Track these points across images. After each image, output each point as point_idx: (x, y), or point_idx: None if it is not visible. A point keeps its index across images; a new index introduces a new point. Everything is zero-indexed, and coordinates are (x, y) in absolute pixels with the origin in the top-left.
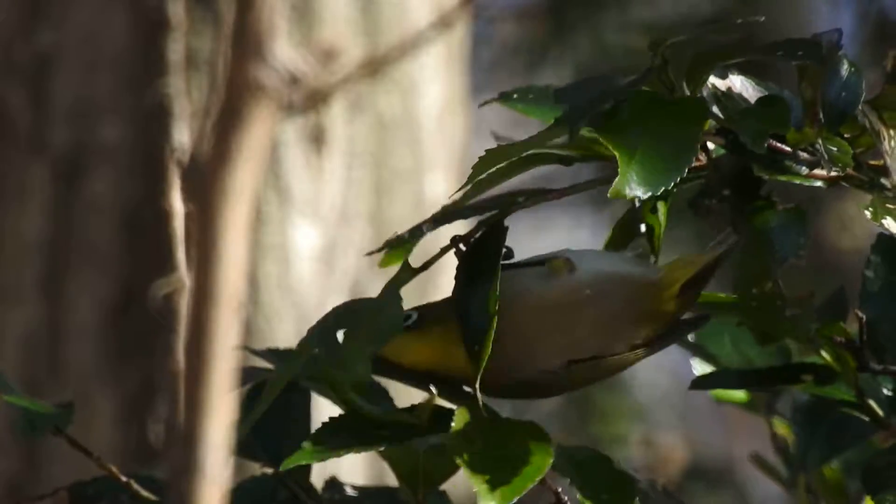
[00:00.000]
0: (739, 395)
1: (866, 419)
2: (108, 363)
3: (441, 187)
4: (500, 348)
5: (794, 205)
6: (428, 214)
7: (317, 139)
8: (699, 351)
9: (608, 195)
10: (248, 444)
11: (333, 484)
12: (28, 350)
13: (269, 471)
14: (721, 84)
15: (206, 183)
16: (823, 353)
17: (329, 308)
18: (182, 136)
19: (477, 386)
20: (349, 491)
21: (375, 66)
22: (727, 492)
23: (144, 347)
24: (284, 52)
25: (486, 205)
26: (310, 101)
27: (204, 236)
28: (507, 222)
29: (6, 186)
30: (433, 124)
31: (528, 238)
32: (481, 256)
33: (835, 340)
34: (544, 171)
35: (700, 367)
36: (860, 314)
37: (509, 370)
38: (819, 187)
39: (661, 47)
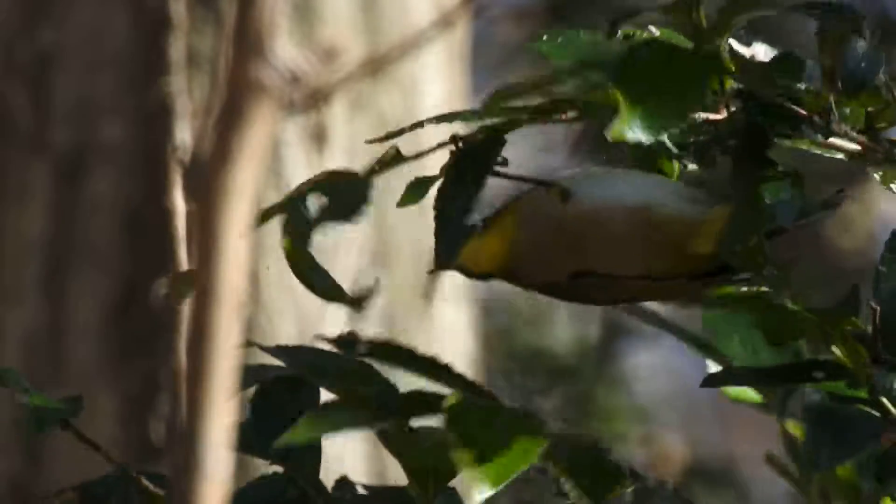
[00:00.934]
0: (754, 394)
1: (877, 415)
2: (110, 362)
3: (440, 157)
4: (518, 252)
5: (796, 171)
6: (429, 213)
7: (318, 138)
8: (708, 350)
9: (609, 137)
10: (255, 441)
11: (343, 483)
12: (29, 349)
13: (279, 469)
14: (744, 51)
15: (207, 182)
16: (835, 349)
17: (329, 308)
18: (183, 135)
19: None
20: (359, 490)
21: (376, 66)
22: (728, 491)
23: (146, 347)
24: (285, 51)
25: (490, 112)
26: (311, 100)
27: (205, 235)
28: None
29: (7, 186)
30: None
31: None
32: (474, 156)
33: (847, 333)
34: (546, 172)
35: (713, 366)
36: (874, 305)
37: (532, 274)
38: (823, 182)
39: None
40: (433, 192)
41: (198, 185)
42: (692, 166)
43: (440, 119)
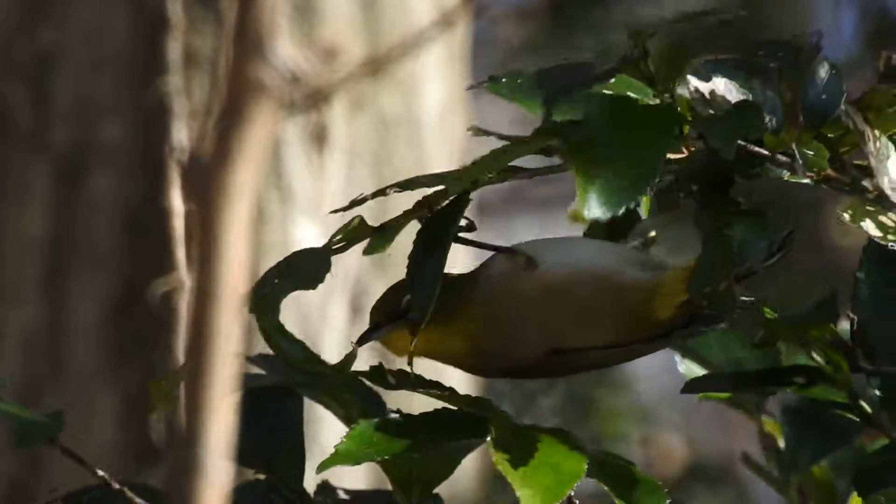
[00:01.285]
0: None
1: (856, 419)
2: (110, 362)
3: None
4: (489, 333)
5: (760, 209)
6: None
7: (318, 138)
8: (687, 352)
9: (567, 217)
10: (240, 450)
11: (325, 488)
12: (29, 349)
13: (262, 476)
14: (704, 87)
15: (207, 182)
16: (815, 355)
17: (330, 308)
18: (183, 135)
19: (412, 348)
20: (341, 495)
21: (377, 66)
22: (727, 491)
23: (146, 346)
24: (286, 50)
25: (452, 177)
26: (311, 99)
27: (205, 235)
28: (506, 221)
29: (7, 185)
30: (434, 123)
31: (527, 236)
32: (439, 224)
33: (826, 341)
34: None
35: (687, 369)
36: (851, 315)
37: (489, 358)
38: (820, 187)
39: (641, 37)
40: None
41: (198, 184)
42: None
43: (402, 187)
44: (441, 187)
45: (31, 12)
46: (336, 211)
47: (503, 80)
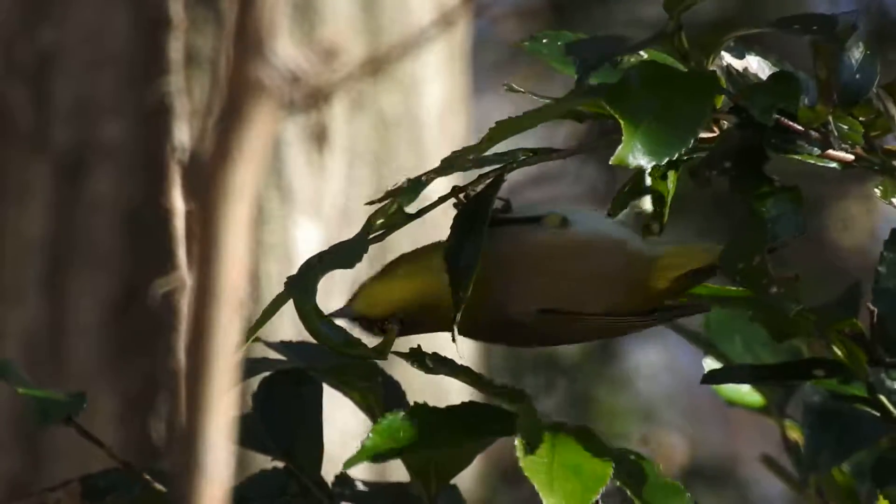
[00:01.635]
0: (751, 398)
1: (877, 415)
2: (110, 362)
3: (443, 186)
4: (481, 288)
5: (794, 185)
6: (429, 214)
7: (318, 138)
8: (710, 349)
9: (610, 162)
10: (259, 437)
11: (344, 479)
12: (29, 348)
13: (280, 464)
14: (737, 64)
15: (207, 181)
16: (834, 349)
17: (331, 307)
18: (184, 134)
19: (455, 328)
20: (359, 486)
21: (377, 65)
22: (729, 491)
23: (146, 346)
24: (286, 50)
25: (488, 159)
26: (311, 99)
27: (205, 235)
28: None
29: (7, 185)
30: (435, 123)
31: None
32: (475, 208)
33: (846, 333)
34: (546, 172)
35: (711, 364)
36: (871, 307)
37: (484, 310)
38: (824, 182)
39: (678, 8)
40: (435, 192)
41: (198, 184)
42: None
43: (438, 172)
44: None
45: (31, 12)
46: (372, 203)
47: (543, 39)
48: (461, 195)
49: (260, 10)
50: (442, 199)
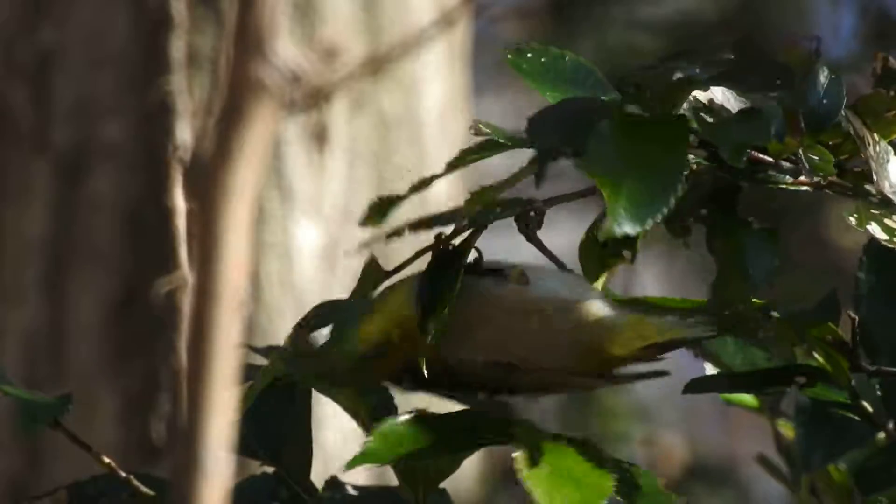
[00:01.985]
0: (748, 398)
1: (860, 420)
2: (110, 361)
3: (443, 186)
4: (451, 330)
5: (768, 226)
6: (430, 213)
7: (319, 137)
8: (702, 351)
9: (600, 238)
10: (248, 442)
11: (334, 483)
12: (29, 348)
13: (270, 469)
14: (702, 96)
15: (207, 181)
16: (816, 355)
17: None
18: (186, 134)
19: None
20: (350, 490)
21: (377, 65)
22: (729, 491)
23: (146, 346)
24: (286, 50)
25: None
26: (311, 99)
27: (206, 234)
28: (506, 221)
29: (8, 185)
30: (435, 123)
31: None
32: (451, 257)
33: (827, 341)
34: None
35: (711, 368)
36: (852, 315)
37: (441, 355)
38: (826, 194)
39: (629, 78)
40: (435, 195)
41: (198, 184)
42: None
43: (416, 227)
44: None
45: (31, 12)
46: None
47: (528, 54)
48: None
49: (260, 10)
50: (425, 251)
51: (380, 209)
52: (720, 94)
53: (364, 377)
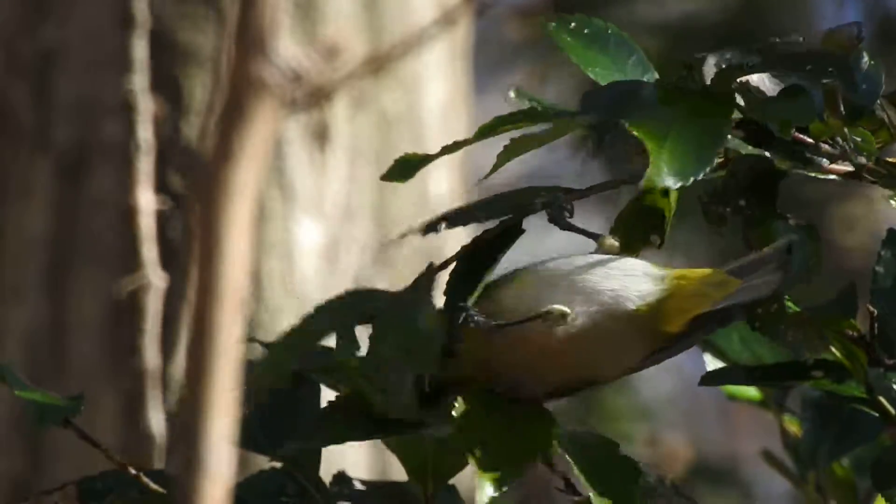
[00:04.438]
0: (752, 392)
1: (876, 415)
2: (111, 360)
3: (444, 184)
4: (505, 376)
5: (807, 223)
6: (431, 212)
7: (320, 136)
8: (708, 347)
9: (640, 187)
10: (256, 438)
11: (342, 478)
12: (31, 347)
13: (278, 465)
14: (743, 79)
15: (209, 180)
16: (833, 350)
17: None
18: (147, 133)
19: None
20: (357, 486)
21: (379, 64)
22: (732, 490)
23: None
24: (288, 49)
25: (502, 206)
26: (313, 98)
27: (207, 233)
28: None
29: (10, 183)
30: (436, 121)
31: (537, 236)
32: (483, 255)
33: (845, 335)
34: (554, 171)
35: (712, 363)
36: (871, 308)
37: (511, 390)
38: (830, 184)
39: (686, 65)
40: (437, 192)
41: (200, 182)
42: None
43: (452, 222)
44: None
45: (33, 11)
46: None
47: (571, 23)
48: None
49: (262, 9)
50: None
51: (403, 168)
52: (756, 77)
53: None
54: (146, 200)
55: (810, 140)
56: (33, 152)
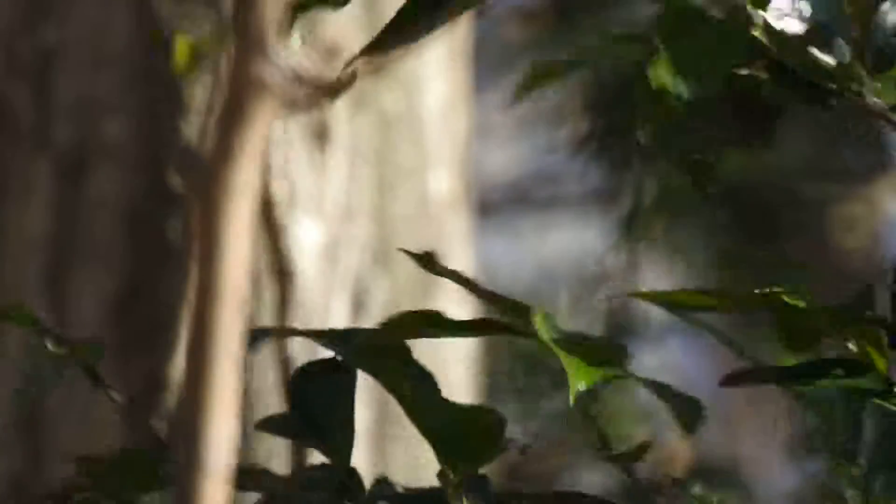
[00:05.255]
0: None
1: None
2: (111, 361)
3: (444, 184)
4: None
5: None
6: (431, 212)
7: (320, 136)
8: (732, 345)
9: (653, 85)
10: (294, 426)
11: (383, 481)
12: (31, 347)
13: (326, 460)
14: (776, 24)
15: (208, 179)
16: (851, 346)
17: (332, 306)
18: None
19: None
20: (398, 489)
21: (378, 64)
22: (732, 493)
23: (147, 345)
24: (288, 48)
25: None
26: (313, 98)
27: (207, 232)
28: (507, 221)
29: (9, 183)
30: (437, 121)
31: (534, 239)
32: None
33: (865, 322)
34: (549, 172)
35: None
36: (893, 287)
37: None
38: (830, 185)
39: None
40: (437, 192)
41: (199, 183)
42: None
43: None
44: None
45: (33, 10)
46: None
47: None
48: None
49: (262, 9)
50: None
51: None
52: (794, 26)
53: None
54: (112, 207)
55: (834, 86)
56: (34, 152)
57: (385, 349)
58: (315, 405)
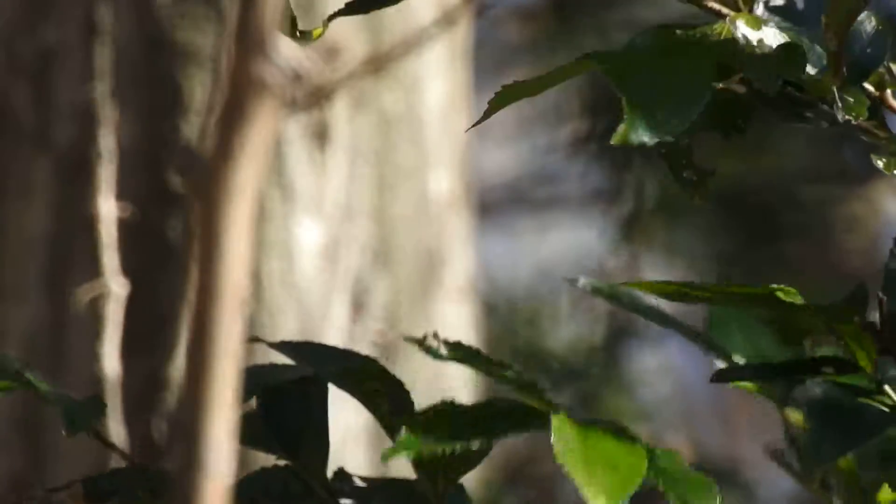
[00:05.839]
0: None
1: (883, 408)
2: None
3: (444, 184)
4: None
5: None
6: (431, 212)
7: (320, 136)
8: (712, 347)
9: (612, 142)
10: (264, 436)
11: (342, 475)
12: (31, 347)
13: (281, 463)
14: (753, 35)
15: (208, 180)
16: (842, 345)
17: (332, 306)
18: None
19: None
20: (357, 482)
21: (379, 63)
22: (732, 492)
23: (147, 345)
24: (287, 48)
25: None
26: (313, 97)
27: (206, 233)
28: (506, 221)
29: (10, 183)
30: (436, 121)
31: (533, 239)
32: None
33: (856, 325)
34: (549, 172)
35: (721, 361)
36: (881, 295)
37: None
38: (830, 185)
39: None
40: (437, 192)
41: (199, 183)
42: None
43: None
44: None
45: (33, 10)
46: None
47: None
48: None
49: (261, 8)
50: None
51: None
52: (771, 35)
53: None
54: (108, 208)
55: (807, 99)
56: (33, 152)
57: (362, 370)
58: (287, 417)
